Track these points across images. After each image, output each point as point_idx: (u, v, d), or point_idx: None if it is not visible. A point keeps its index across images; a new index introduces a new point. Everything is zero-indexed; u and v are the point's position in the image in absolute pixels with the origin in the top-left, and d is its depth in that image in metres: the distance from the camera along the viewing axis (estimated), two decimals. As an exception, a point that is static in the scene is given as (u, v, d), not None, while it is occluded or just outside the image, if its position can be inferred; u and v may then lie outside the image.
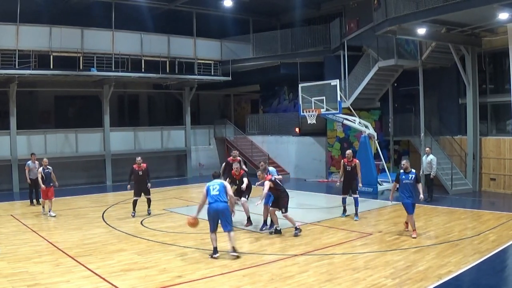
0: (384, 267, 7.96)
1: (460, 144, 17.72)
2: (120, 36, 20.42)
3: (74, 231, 11.14)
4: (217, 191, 8.76)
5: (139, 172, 13.01)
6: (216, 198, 8.70)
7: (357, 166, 12.51)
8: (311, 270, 7.91)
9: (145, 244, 9.83)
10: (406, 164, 10.26)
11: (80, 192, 17.94)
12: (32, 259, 8.66)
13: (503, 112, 17.14)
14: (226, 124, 25.73)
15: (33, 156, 15.34)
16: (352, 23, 20.25)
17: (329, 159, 21.36)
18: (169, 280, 7.48)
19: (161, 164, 23.57)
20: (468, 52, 16.67)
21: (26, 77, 18.37)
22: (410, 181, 10.10)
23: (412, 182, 10.09)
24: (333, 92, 16.83)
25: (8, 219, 12.85)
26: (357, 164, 12.54)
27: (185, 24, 22.99)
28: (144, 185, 13.03)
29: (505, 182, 16.30)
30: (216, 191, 8.75)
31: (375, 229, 11.02)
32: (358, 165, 12.57)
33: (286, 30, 23.53)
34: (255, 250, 9.30)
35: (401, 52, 18.60)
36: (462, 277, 7.48)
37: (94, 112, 22.02)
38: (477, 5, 12.86)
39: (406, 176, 10.16)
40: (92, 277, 7.60)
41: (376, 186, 16.80)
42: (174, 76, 22.04)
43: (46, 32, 18.59)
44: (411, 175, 10.13)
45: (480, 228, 10.76)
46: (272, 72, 23.91)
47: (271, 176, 10.46)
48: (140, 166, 13.07)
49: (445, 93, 18.78)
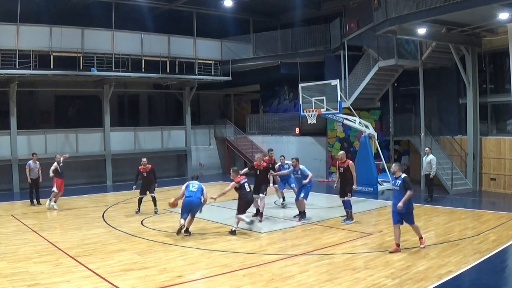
0: (384, 267, 7.96)
1: (460, 144, 17.72)
2: (120, 36, 20.42)
3: (74, 231, 11.15)
4: (195, 188, 10.56)
5: (144, 173, 13.55)
6: (193, 194, 10.48)
7: (350, 167, 11.86)
8: (311, 270, 7.91)
9: (145, 244, 9.83)
10: (394, 168, 9.07)
11: (80, 192, 17.93)
12: (32, 259, 8.66)
13: (503, 112, 17.14)
14: (226, 124, 25.73)
15: (34, 156, 15.37)
16: (352, 23, 20.24)
17: (329, 159, 21.36)
18: (169, 280, 7.48)
19: (162, 164, 23.54)
20: (468, 52, 16.67)
21: (27, 77, 18.38)
22: (397, 188, 8.93)
23: (399, 189, 8.86)
24: (333, 92, 16.82)
25: (9, 219, 12.85)
26: (350, 165, 11.89)
27: (185, 24, 23.01)
28: (149, 184, 13.57)
29: (505, 182, 16.29)
30: (194, 188, 10.56)
31: (375, 229, 11.02)
32: (352, 166, 11.91)
33: (286, 30, 23.53)
34: (255, 250, 9.31)
35: (401, 52, 18.62)
36: (462, 277, 7.48)
37: (94, 112, 22.03)
38: (477, 5, 12.86)
39: (394, 182, 9.07)
40: (92, 277, 7.60)
41: (376, 186, 16.80)
42: (174, 76, 22.05)
43: (46, 32, 18.59)
44: (398, 181, 8.91)
45: (480, 228, 10.76)
46: (272, 72, 23.90)
47: (242, 179, 10.81)
48: (145, 167, 13.56)
49: (445, 93, 18.78)
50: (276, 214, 13.21)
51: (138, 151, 21.87)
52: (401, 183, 8.85)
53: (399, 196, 8.83)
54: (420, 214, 12.87)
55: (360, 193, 16.67)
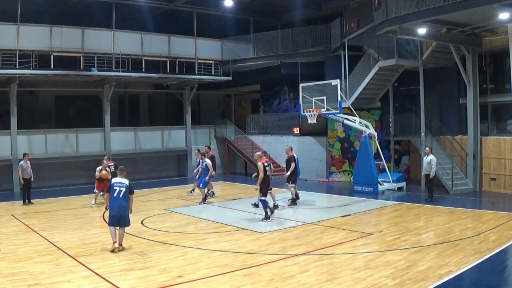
0: (384, 267, 7.95)
1: (460, 144, 17.71)
2: (121, 36, 20.43)
3: (74, 231, 11.15)
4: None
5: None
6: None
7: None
8: (312, 270, 7.91)
9: (145, 244, 9.83)
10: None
11: (80, 192, 17.92)
12: (32, 259, 8.66)
13: (503, 112, 17.14)
14: (226, 124, 25.73)
15: (26, 156, 15.43)
16: (352, 23, 20.24)
17: (329, 159, 21.37)
18: (169, 280, 7.48)
19: (162, 164, 23.61)
20: (469, 52, 16.66)
21: (27, 77, 18.38)
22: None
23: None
24: (333, 92, 16.81)
25: (9, 219, 12.86)
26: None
27: (186, 24, 23.02)
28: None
29: (506, 182, 16.28)
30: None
31: (376, 229, 11.02)
32: (259, 166, 12.00)
33: (286, 30, 23.53)
34: (255, 250, 9.30)
35: (402, 52, 18.61)
36: (462, 277, 7.47)
37: (95, 112, 22.05)
38: (477, 5, 12.85)
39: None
40: (92, 277, 7.60)
41: (377, 186, 16.79)
42: (174, 76, 22.05)
43: (47, 32, 18.60)
44: None
45: (481, 228, 10.75)
46: (273, 72, 23.92)
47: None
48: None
49: (446, 93, 18.78)
50: (277, 214, 13.19)
51: (138, 151, 21.88)
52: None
53: None
54: (420, 214, 12.90)
55: (361, 193, 16.72)
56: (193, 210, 13.95)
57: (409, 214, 12.81)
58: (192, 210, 13.83)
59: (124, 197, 9.17)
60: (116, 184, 9.25)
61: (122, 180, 9.35)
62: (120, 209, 9.11)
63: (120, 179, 9.37)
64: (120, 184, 9.25)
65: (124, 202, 9.17)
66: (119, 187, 9.20)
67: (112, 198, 9.16)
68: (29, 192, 15.22)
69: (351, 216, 12.69)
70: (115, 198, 9.13)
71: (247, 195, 16.70)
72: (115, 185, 9.22)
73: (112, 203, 9.16)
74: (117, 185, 9.23)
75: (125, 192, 9.20)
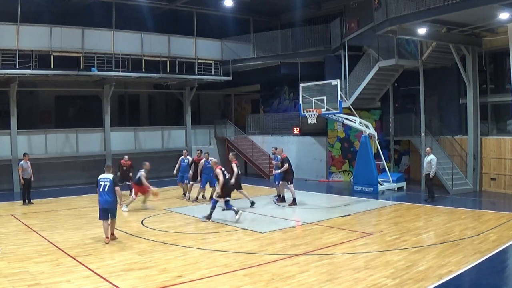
0: (384, 267, 7.95)
1: (460, 144, 17.71)
2: (121, 36, 20.42)
3: (74, 231, 11.15)
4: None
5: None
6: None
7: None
8: (312, 270, 7.91)
9: (145, 244, 9.83)
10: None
11: (80, 192, 17.93)
12: (32, 259, 8.66)
13: (503, 112, 17.14)
14: (226, 124, 25.72)
15: (26, 156, 15.43)
16: (352, 23, 20.24)
17: (329, 159, 21.37)
18: (169, 280, 7.48)
19: (162, 164, 23.54)
20: (469, 52, 16.66)
21: (27, 77, 18.38)
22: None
23: None
24: (333, 92, 16.81)
25: (9, 219, 12.86)
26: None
27: (186, 24, 23.00)
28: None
29: (506, 182, 16.29)
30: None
31: (376, 229, 11.02)
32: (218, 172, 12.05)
33: (286, 30, 23.52)
34: (255, 250, 9.30)
35: (402, 52, 18.61)
36: (462, 277, 7.47)
37: (95, 112, 22.03)
38: (477, 5, 12.85)
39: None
40: (92, 277, 7.60)
41: (377, 186, 16.80)
42: (174, 76, 22.05)
43: (47, 32, 18.59)
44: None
45: (481, 228, 10.75)
46: (273, 72, 23.91)
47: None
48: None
49: (446, 93, 18.78)
50: (277, 214, 13.20)
51: (138, 151, 21.86)
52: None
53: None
54: (420, 214, 12.91)
55: (360, 193, 16.72)
56: (193, 210, 13.95)
57: (409, 214, 12.82)
58: (192, 210, 13.83)
59: (109, 191, 9.79)
60: (101, 179, 9.94)
61: (107, 175, 9.98)
62: (107, 203, 9.81)
63: (106, 174, 10.01)
64: (105, 179, 9.89)
65: (109, 196, 9.80)
66: (104, 182, 9.86)
67: (99, 193, 9.87)
68: (29, 192, 15.23)
69: (351, 216, 12.69)
70: (101, 192, 9.83)
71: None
72: (101, 181, 9.91)
73: (100, 198, 9.87)
74: (102, 180, 9.90)
75: (110, 187, 9.80)
